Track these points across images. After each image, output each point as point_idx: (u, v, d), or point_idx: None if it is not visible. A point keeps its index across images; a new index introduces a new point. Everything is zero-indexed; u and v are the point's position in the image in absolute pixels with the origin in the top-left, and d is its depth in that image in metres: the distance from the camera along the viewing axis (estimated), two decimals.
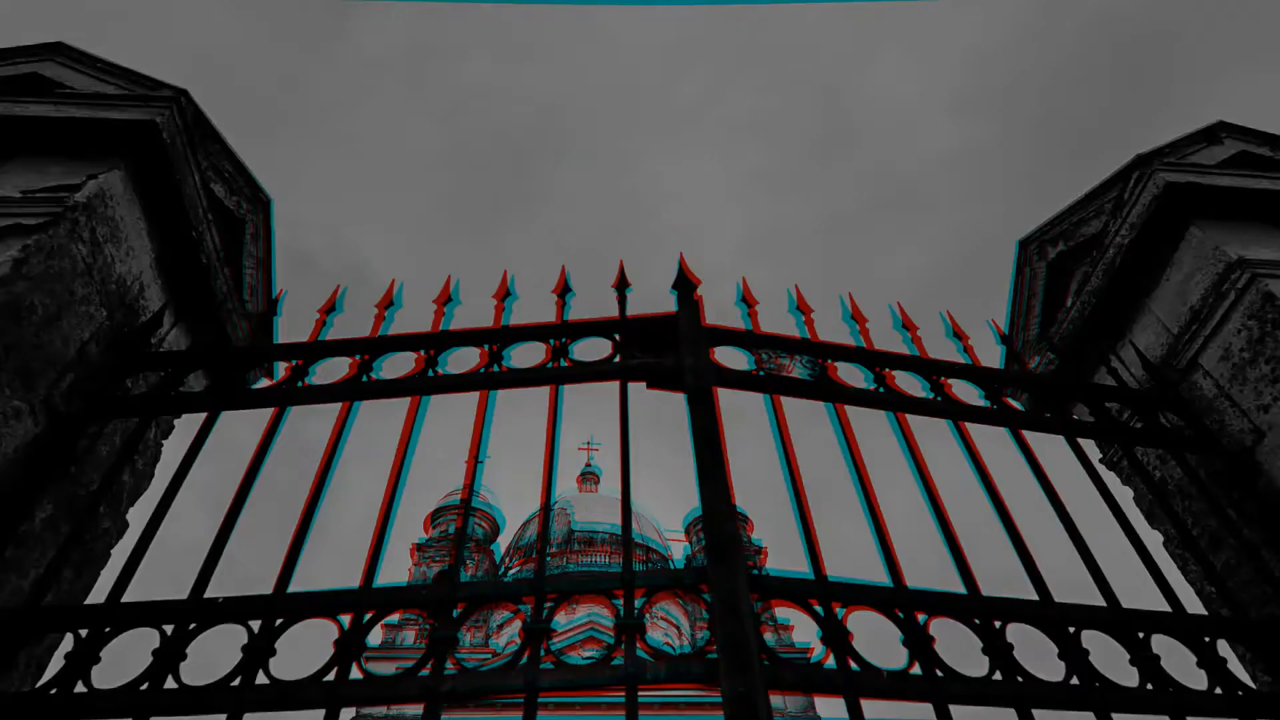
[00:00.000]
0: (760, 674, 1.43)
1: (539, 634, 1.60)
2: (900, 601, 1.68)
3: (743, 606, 1.54)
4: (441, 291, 2.52)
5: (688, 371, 2.07)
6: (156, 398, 2.21)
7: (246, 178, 3.25)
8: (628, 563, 1.74)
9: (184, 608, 1.61)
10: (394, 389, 2.18)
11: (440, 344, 2.29)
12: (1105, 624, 1.73)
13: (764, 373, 2.21)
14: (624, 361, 2.22)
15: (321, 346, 2.30)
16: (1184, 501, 2.64)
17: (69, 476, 2.17)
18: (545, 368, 2.23)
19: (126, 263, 2.59)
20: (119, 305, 2.53)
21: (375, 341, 2.32)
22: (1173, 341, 2.89)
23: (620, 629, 1.59)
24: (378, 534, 1.78)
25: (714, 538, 1.68)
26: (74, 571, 2.13)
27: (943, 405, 2.27)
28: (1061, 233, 3.62)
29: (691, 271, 2.50)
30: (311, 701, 1.45)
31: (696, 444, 1.91)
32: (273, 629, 1.58)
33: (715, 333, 2.31)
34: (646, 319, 2.35)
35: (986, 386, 2.42)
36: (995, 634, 1.66)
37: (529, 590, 1.68)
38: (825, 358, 2.33)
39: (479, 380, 2.19)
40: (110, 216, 2.51)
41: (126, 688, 1.48)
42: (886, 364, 2.37)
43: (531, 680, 1.48)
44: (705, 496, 1.79)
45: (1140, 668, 1.67)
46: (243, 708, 1.44)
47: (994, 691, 1.54)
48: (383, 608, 1.63)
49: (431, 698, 1.45)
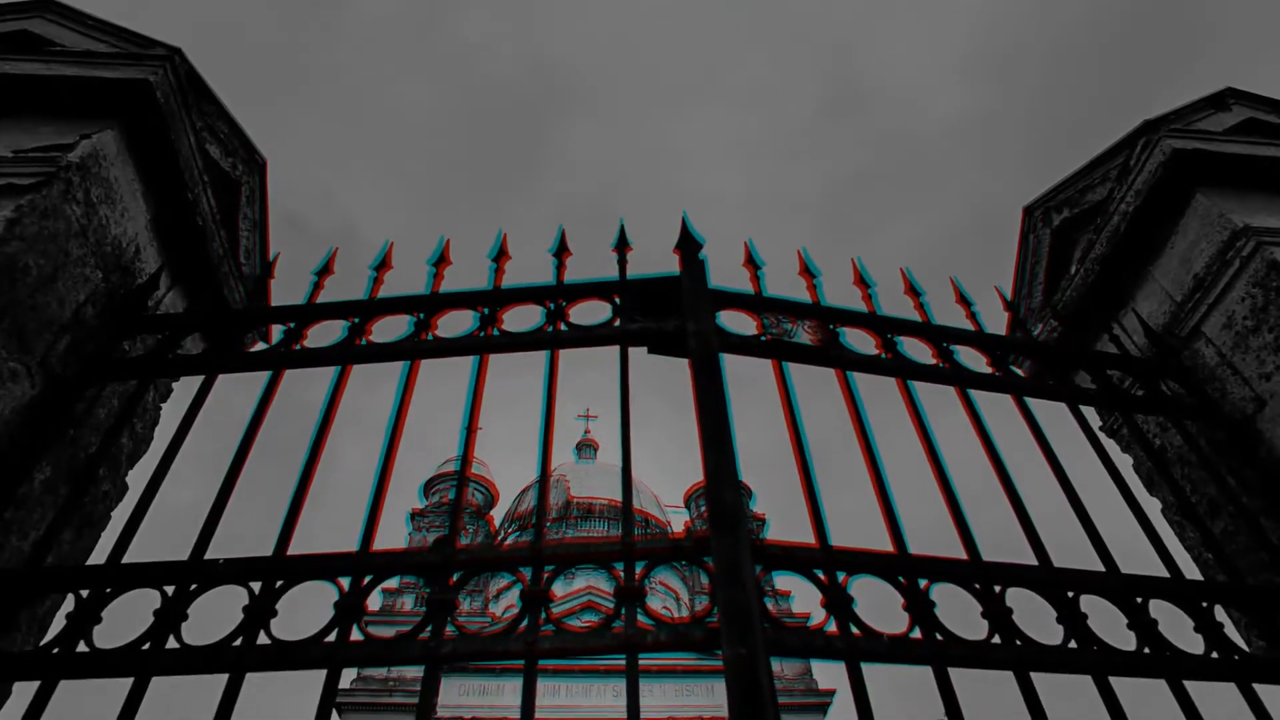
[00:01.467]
0: (762, 640, 1.43)
1: (538, 599, 1.60)
2: (903, 568, 1.67)
3: (745, 574, 1.53)
4: (436, 254, 2.49)
5: (691, 336, 2.05)
6: (153, 360, 2.19)
7: (242, 139, 3.20)
8: (628, 530, 1.73)
9: (184, 568, 1.61)
10: (388, 352, 2.16)
11: (434, 306, 2.26)
12: (1104, 589, 1.74)
13: (769, 338, 2.19)
14: (624, 325, 2.19)
15: (316, 309, 2.28)
16: (1183, 469, 2.64)
17: (67, 439, 2.16)
18: (542, 331, 2.20)
19: (122, 224, 2.55)
20: (115, 267, 2.50)
21: (370, 304, 2.29)
22: (1175, 309, 2.87)
23: (621, 596, 1.59)
24: (375, 498, 1.77)
25: (717, 506, 1.67)
26: (74, 533, 2.13)
27: (949, 372, 2.25)
28: (1066, 199, 3.58)
29: (695, 232, 2.46)
30: (312, 662, 1.45)
31: (700, 411, 1.89)
32: (273, 590, 1.58)
33: (720, 295, 2.28)
34: (648, 280, 2.32)
35: (992, 353, 2.40)
36: (995, 599, 1.66)
37: (528, 557, 1.68)
38: (832, 323, 2.31)
39: (473, 343, 2.16)
40: (104, 177, 2.47)
41: (128, 647, 1.48)
42: (893, 329, 2.34)
43: (531, 645, 1.48)
44: (709, 464, 1.78)
45: (1138, 632, 1.68)
46: (244, 667, 1.44)
47: (993, 655, 1.55)
48: (382, 571, 1.63)
49: (431, 660, 1.46)
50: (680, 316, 2.17)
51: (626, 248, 2.49)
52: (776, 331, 2.23)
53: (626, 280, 2.37)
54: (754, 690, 1.38)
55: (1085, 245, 3.35)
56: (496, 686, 21.31)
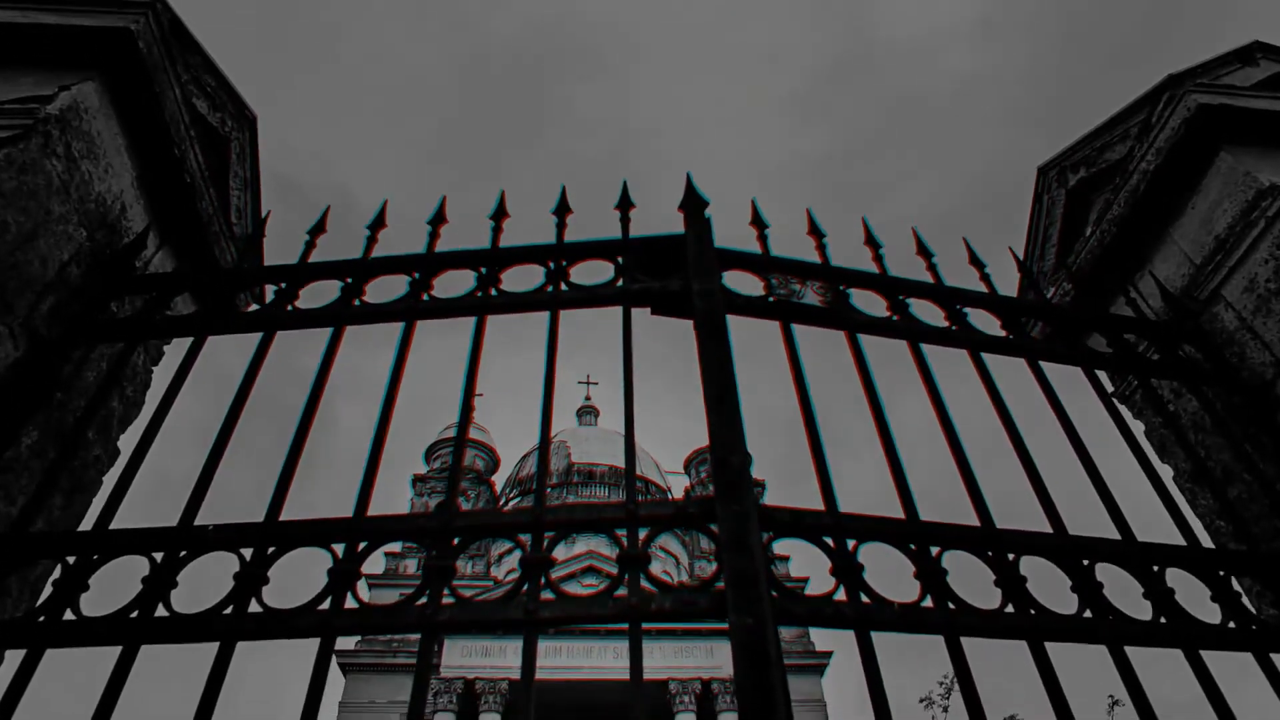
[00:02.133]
0: (769, 608, 1.39)
1: (539, 565, 1.55)
2: (914, 535, 1.63)
3: (752, 540, 1.49)
4: (434, 212, 2.40)
5: (696, 296, 1.97)
6: (141, 321, 2.13)
7: (230, 93, 3.09)
8: (631, 495, 1.68)
9: (174, 534, 1.56)
10: (384, 313, 2.08)
11: (432, 266, 2.19)
12: (1120, 557, 1.69)
13: (775, 299, 2.11)
14: (627, 285, 2.12)
15: (310, 269, 2.20)
16: (1197, 436, 2.59)
17: (55, 402, 2.10)
18: (542, 291, 2.13)
19: (106, 181, 2.47)
20: (100, 225, 2.42)
21: (365, 264, 2.21)
22: (1194, 272, 2.80)
23: (624, 562, 1.54)
24: (371, 461, 1.72)
25: (723, 471, 1.62)
26: (64, 499, 2.09)
27: (961, 335, 2.18)
28: (1083, 159, 3.48)
29: (700, 191, 2.38)
30: (305, 630, 1.41)
31: (705, 373, 1.83)
32: (265, 557, 1.53)
33: (726, 255, 2.20)
34: (652, 239, 2.24)
35: (1004, 316, 2.33)
36: (1008, 567, 1.61)
37: (528, 522, 1.63)
38: (841, 284, 2.23)
39: (472, 304, 2.09)
40: (86, 131, 2.38)
41: (116, 615, 1.44)
42: (904, 291, 2.27)
43: (531, 612, 1.43)
44: (714, 428, 1.72)
45: (1154, 601, 1.63)
46: (235, 636, 1.40)
47: (1006, 624, 1.51)
48: (378, 537, 1.58)
49: (428, 627, 1.41)
50: (685, 276, 2.10)
51: (630, 206, 2.40)
52: (784, 292, 2.16)
53: (630, 240, 2.29)
54: (761, 659, 1.34)
55: (1102, 206, 3.26)
56: (499, 648, 21.59)
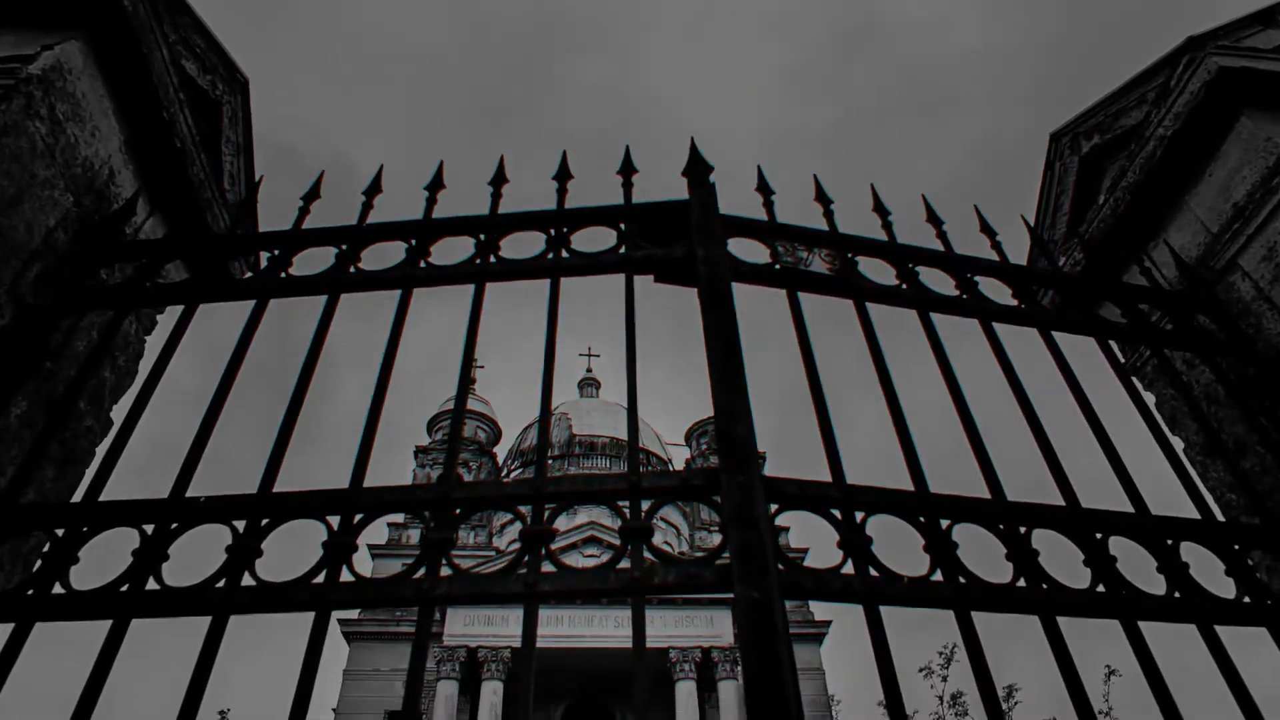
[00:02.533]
0: (776, 581, 1.35)
1: (539, 537, 1.52)
2: (923, 507, 1.59)
3: (758, 512, 1.45)
4: (432, 178, 2.33)
5: (701, 263, 1.92)
6: (131, 289, 2.07)
7: (220, 55, 3.00)
8: (633, 465, 1.64)
9: (165, 506, 1.52)
10: (381, 280, 2.03)
11: (429, 233, 2.12)
12: (1133, 530, 1.65)
13: (782, 266, 2.05)
14: (630, 252, 2.06)
15: (304, 235, 2.14)
16: (1210, 408, 2.54)
17: (44, 372, 2.05)
18: (543, 259, 2.07)
19: (92, 145, 2.40)
20: (87, 191, 2.35)
21: (361, 230, 2.15)
22: (1210, 241, 2.73)
23: (626, 534, 1.51)
24: (367, 431, 1.67)
25: (728, 441, 1.57)
26: (56, 470, 2.05)
27: (971, 304, 2.13)
28: (1097, 125, 3.39)
29: (704, 156, 2.31)
30: (299, 604, 1.38)
31: (709, 342, 1.78)
32: (258, 529, 1.49)
33: (730, 222, 2.14)
34: (655, 205, 2.17)
35: (1016, 285, 2.27)
36: (1020, 540, 1.57)
37: (528, 494, 1.59)
38: (849, 251, 2.17)
39: (471, 271, 2.03)
40: (70, 93, 2.30)
41: (106, 589, 1.40)
42: (913, 259, 2.21)
43: (532, 585, 1.40)
44: (719, 398, 1.67)
45: (1168, 575, 1.60)
46: (228, 609, 1.37)
47: (1018, 598, 1.47)
48: (374, 509, 1.54)
49: (426, 601, 1.38)
50: (689, 243, 2.04)
51: (632, 171, 2.33)
52: (790, 260, 2.10)
53: (632, 206, 2.23)
54: (767, 634, 1.31)
55: (1116, 173, 3.18)
56: (502, 616, 21.80)
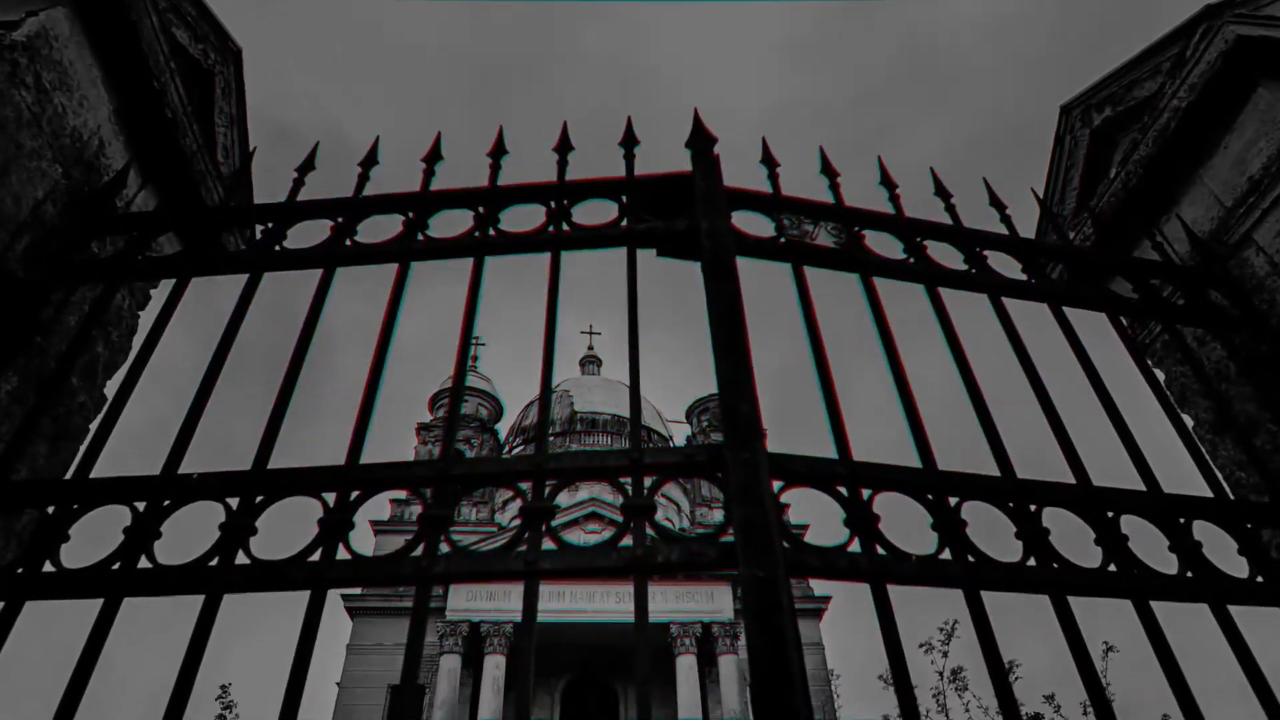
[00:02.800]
0: (781, 559, 1.33)
1: (540, 514, 1.49)
2: (931, 484, 1.55)
3: (763, 488, 1.42)
4: (429, 149, 2.28)
5: (704, 235, 1.87)
6: (122, 262, 2.02)
7: (212, 23, 2.93)
8: (635, 441, 1.61)
9: (157, 483, 1.49)
10: (377, 253, 1.98)
11: (427, 205, 2.07)
12: (1145, 509, 1.62)
13: (788, 238, 2.01)
14: (632, 225, 2.01)
15: (298, 207, 2.09)
16: (1221, 385, 2.51)
17: (34, 347, 2.01)
18: (543, 232, 2.02)
19: (81, 115, 2.34)
20: (76, 162, 2.30)
21: (357, 203, 2.10)
22: (1224, 215, 2.68)
23: (628, 511, 1.48)
24: (364, 406, 1.64)
25: (732, 417, 1.54)
26: (49, 447, 2.02)
27: (981, 278, 2.08)
28: (1109, 96, 3.32)
29: (708, 128, 2.25)
30: (294, 582, 1.35)
31: (713, 317, 1.74)
32: (253, 506, 1.46)
33: (734, 195, 2.09)
34: (657, 178, 2.12)
35: (1026, 259, 2.22)
36: (1030, 518, 1.54)
37: (529, 470, 1.56)
38: (855, 225, 2.12)
39: (470, 245, 1.99)
40: (57, 60, 2.24)
41: (97, 567, 1.38)
42: (921, 233, 2.16)
43: (532, 564, 1.37)
44: (723, 373, 1.63)
45: (1180, 554, 1.57)
46: (222, 588, 1.34)
47: (1028, 577, 1.45)
48: (371, 486, 1.51)
49: (423, 579, 1.35)
50: (692, 216, 1.99)
51: (634, 142, 2.27)
52: (796, 233, 2.05)
53: (634, 178, 2.17)
54: (773, 613, 1.28)
55: (1128, 146, 3.12)
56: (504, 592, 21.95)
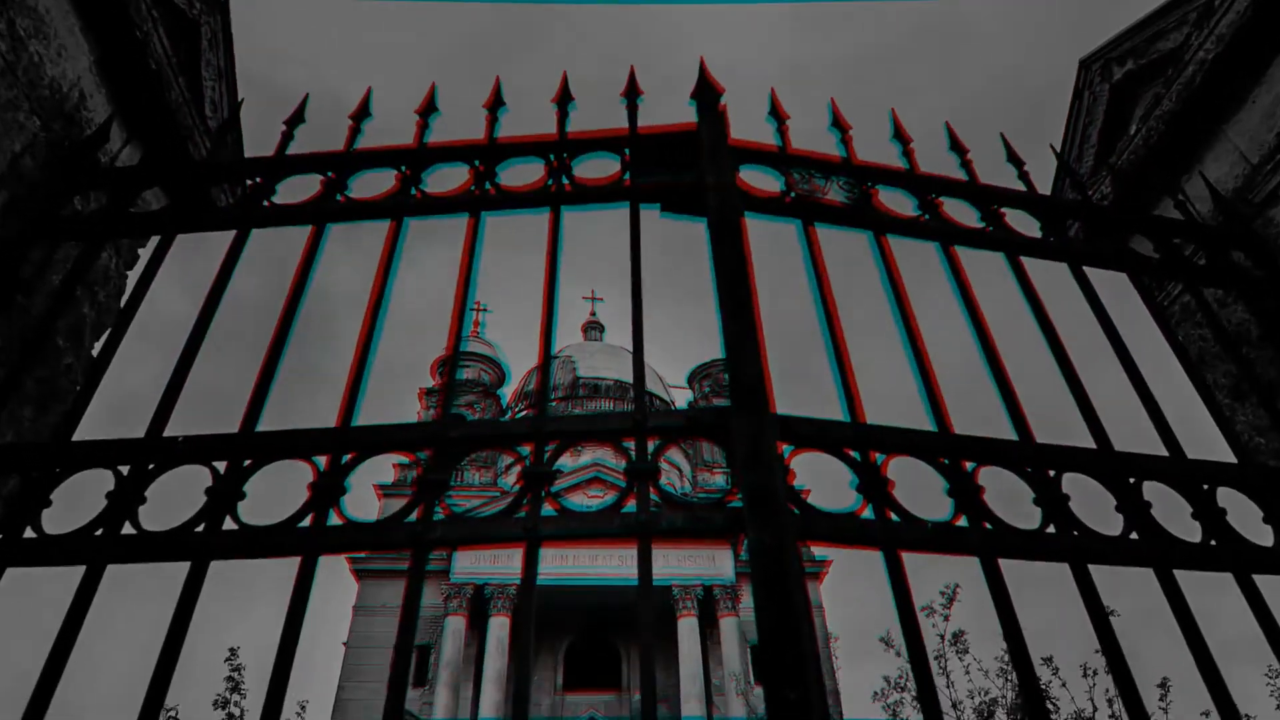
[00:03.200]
0: (790, 525, 1.27)
1: (540, 478, 1.43)
2: (946, 448, 1.49)
3: (770, 452, 1.36)
4: (423, 102, 2.18)
5: (710, 191, 1.79)
6: (104, 219, 1.95)
7: None
8: (640, 403, 1.55)
9: (141, 446, 1.43)
10: (370, 209, 1.90)
11: (421, 160, 1.98)
12: (1168, 475, 1.56)
13: (798, 193, 1.92)
14: (635, 181, 1.93)
15: (287, 161, 2.00)
16: (1242, 348, 2.44)
17: (16, 307, 1.95)
18: (543, 188, 1.94)
19: (59, 64, 2.24)
20: (56, 115, 2.21)
21: (349, 156, 2.01)
22: (1250, 173, 2.58)
23: (632, 475, 1.42)
24: (357, 365, 1.57)
25: (739, 378, 1.47)
26: (35, 410, 1.96)
27: (997, 236, 2.00)
28: (1131, 49, 3.19)
29: (714, 80, 2.14)
30: (285, 549, 1.30)
31: (719, 275, 1.67)
32: (240, 470, 1.41)
33: (741, 151, 2.00)
34: (662, 132, 2.03)
35: (1045, 217, 2.13)
36: (1049, 484, 1.49)
37: (529, 432, 1.50)
38: (867, 181, 2.03)
39: (466, 201, 1.91)
40: (31, 7, 2.14)
41: (79, 533, 1.33)
42: (935, 189, 2.07)
43: (531, 529, 1.32)
44: (729, 334, 1.57)
45: (1204, 522, 1.52)
46: (208, 554, 1.29)
47: (1047, 545, 1.39)
48: (366, 448, 1.45)
49: (419, 545, 1.30)
50: (698, 171, 1.90)
51: (638, 93, 2.17)
52: (807, 188, 1.96)
53: (638, 133, 2.08)
54: (780, 579, 1.23)
55: (1149, 101, 3.00)
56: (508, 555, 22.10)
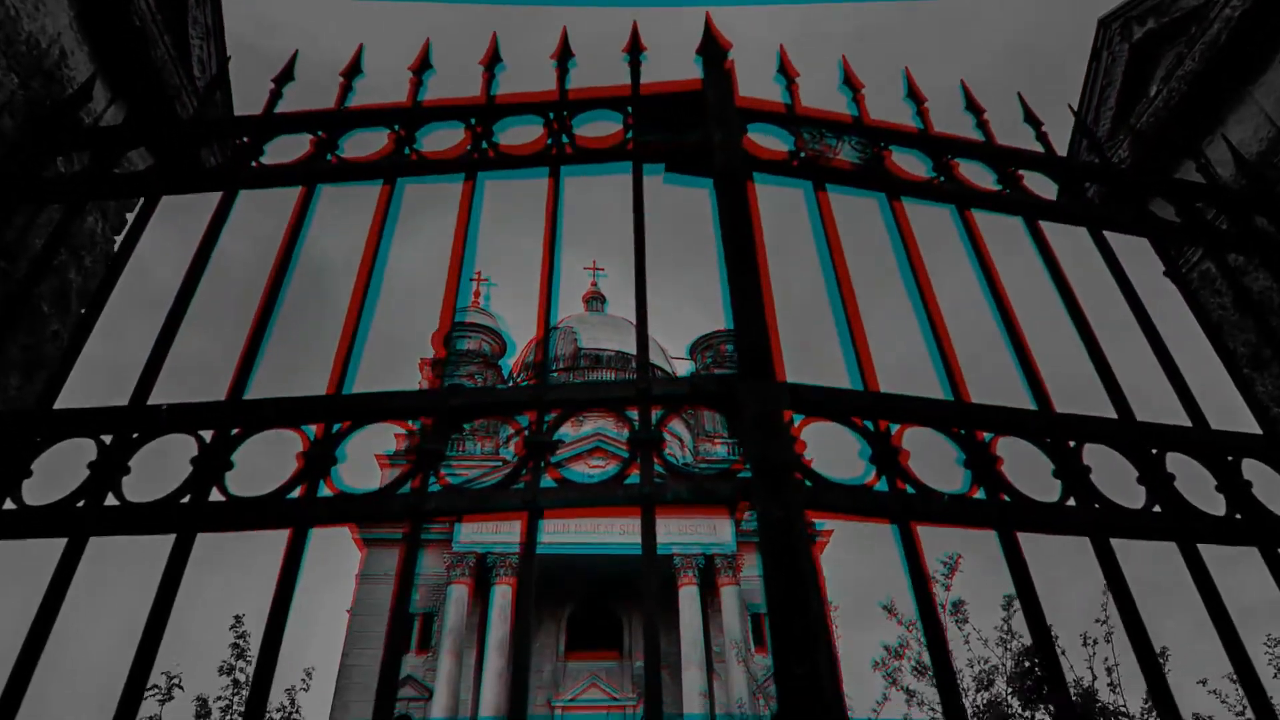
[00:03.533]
0: (800, 497, 1.22)
1: (541, 447, 1.38)
2: (961, 418, 1.44)
3: (779, 421, 1.31)
4: (417, 58, 2.09)
5: (717, 150, 1.71)
6: (86, 180, 1.87)
7: None
8: (643, 370, 1.49)
9: (124, 414, 1.38)
10: (362, 170, 1.82)
11: (416, 119, 1.90)
12: (1192, 446, 1.50)
13: (808, 153, 1.84)
14: (638, 141, 1.85)
15: (276, 120, 1.92)
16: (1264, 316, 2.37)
17: None
18: (543, 148, 1.86)
19: (37, 19, 2.15)
20: (35, 72, 2.12)
21: (340, 115, 1.93)
22: (1275, 135, 2.49)
23: (635, 445, 1.37)
24: (350, 330, 1.51)
25: (746, 343, 1.41)
26: (21, 378, 1.91)
27: (1015, 199, 1.92)
28: (1153, 7, 3.07)
29: (721, 36, 2.05)
30: (274, 520, 1.25)
31: (725, 237, 1.60)
32: (228, 439, 1.35)
33: (749, 110, 1.91)
34: (666, 91, 1.94)
35: (1064, 180, 2.06)
36: (1069, 455, 1.43)
37: (529, 400, 1.44)
38: (879, 142, 1.95)
39: (463, 162, 1.83)
40: None
41: (60, 504, 1.28)
42: (951, 151, 1.98)
43: (530, 500, 1.27)
44: (737, 299, 1.50)
45: (1227, 495, 1.46)
46: (195, 526, 1.24)
47: (1067, 519, 1.34)
48: (359, 417, 1.40)
49: (414, 516, 1.26)
50: (704, 129, 1.82)
51: (640, 49, 2.08)
52: (817, 148, 1.88)
53: (640, 92, 1.99)
54: (790, 553, 1.19)
55: (1171, 62, 2.90)
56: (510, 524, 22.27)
